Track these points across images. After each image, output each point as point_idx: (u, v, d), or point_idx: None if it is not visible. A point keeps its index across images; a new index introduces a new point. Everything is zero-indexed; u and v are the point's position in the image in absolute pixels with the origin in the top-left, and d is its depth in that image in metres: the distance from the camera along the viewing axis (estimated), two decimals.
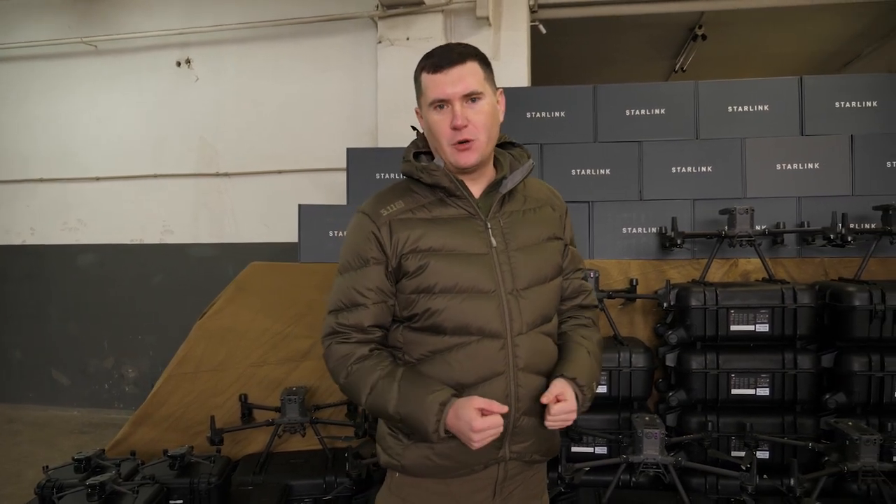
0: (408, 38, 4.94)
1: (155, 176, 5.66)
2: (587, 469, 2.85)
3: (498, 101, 1.59)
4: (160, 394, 3.68)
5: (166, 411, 3.65)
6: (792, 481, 2.65)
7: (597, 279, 3.44)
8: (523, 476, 1.61)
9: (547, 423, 1.48)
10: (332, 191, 4.82)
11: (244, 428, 3.48)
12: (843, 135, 3.75)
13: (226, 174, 5.39)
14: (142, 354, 5.87)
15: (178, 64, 5.54)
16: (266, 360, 3.71)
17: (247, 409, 3.58)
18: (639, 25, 6.46)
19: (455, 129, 1.47)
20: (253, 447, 3.60)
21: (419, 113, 1.58)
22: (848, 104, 3.80)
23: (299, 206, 3.93)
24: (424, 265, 1.48)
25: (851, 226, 3.35)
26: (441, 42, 4.87)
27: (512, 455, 1.55)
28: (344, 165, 4.38)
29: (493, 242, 1.52)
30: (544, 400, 1.47)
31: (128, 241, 5.82)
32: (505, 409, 1.42)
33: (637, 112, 3.94)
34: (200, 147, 5.45)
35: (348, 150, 4.13)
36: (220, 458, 3.07)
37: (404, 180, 1.61)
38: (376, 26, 4.99)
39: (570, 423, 1.50)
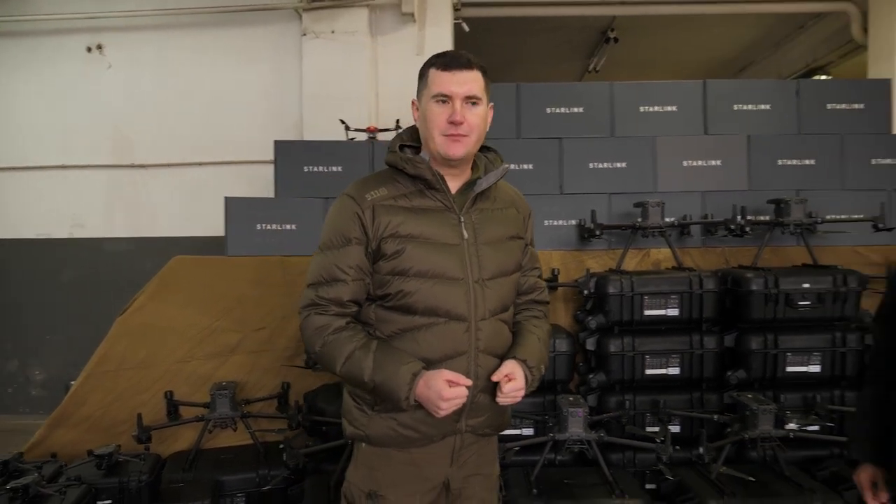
0: (333, 31, 4.95)
1: (63, 167, 5.40)
2: (517, 449, 3.00)
3: (489, 112, 1.73)
4: (79, 394, 3.56)
5: (86, 411, 3.53)
6: (701, 450, 2.91)
7: None
8: (477, 446, 1.76)
9: (498, 400, 1.64)
10: (256, 183, 4.76)
11: (173, 424, 3.42)
12: (741, 135, 4.08)
13: (142, 166, 5.22)
14: (51, 355, 5.60)
15: (89, 49, 5.30)
16: (193, 355, 3.65)
17: (173, 407, 3.51)
18: (556, 27, 6.73)
19: (452, 122, 1.61)
20: (180, 445, 3.54)
21: (415, 104, 1.71)
22: (745, 107, 4.14)
23: (226, 198, 3.88)
24: (401, 249, 1.60)
25: (749, 218, 3.65)
26: (367, 37, 4.94)
27: (467, 428, 1.70)
28: (269, 158, 4.35)
29: (465, 235, 1.67)
30: (495, 378, 1.63)
31: (32, 236, 5.52)
32: (470, 382, 1.59)
33: (557, 110, 4.14)
34: (115, 137, 5.25)
35: (276, 142, 4.11)
36: (150, 455, 3.03)
37: (387, 170, 1.72)
38: (301, 18, 4.97)
39: (519, 399, 1.67)
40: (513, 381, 1.62)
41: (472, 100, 1.63)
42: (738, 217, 3.59)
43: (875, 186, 4.02)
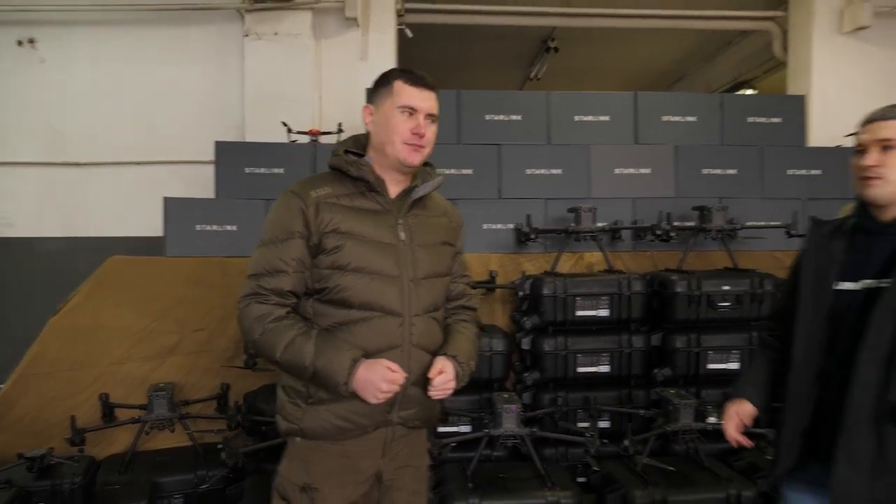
0: (276, 33, 4.95)
1: None
2: (454, 444, 3.10)
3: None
4: (9, 396, 3.47)
5: (17, 414, 3.45)
6: (626, 442, 3.07)
7: None
8: (407, 439, 1.84)
9: (430, 393, 1.75)
10: (195, 184, 4.70)
11: (108, 427, 3.38)
12: (669, 145, 4.30)
13: (77, 164, 5.08)
14: None
15: (20, 43, 5.13)
16: (129, 357, 3.61)
17: (108, 409, 3.47)
18: (498, 35, 6.88)
19: (416, 133, 1.75)
20: (115, 448, 3.49)
21: (370, 109, 1.81)
22: (673, 118, 4.36)
23: (165, 199, 3.86)
24: (341, 245, 1.70)
25: (674, 224, 3.86)
26: (310, 40, 4.96)
27: (399, 420, 1.78)
28: (209, 158, 4.34)
29: (402, 236, 1.78)
30: (430, 375, 1.74)
31: None
32: (405, 374, 1.69)
33: (496, 117, 4.27)
34: (47, 134, 5.09)
35: (217, 143, 4.10)
36: (84, 457, 2.99)
37: (329, 172, 1.82)
38: (243, 19, 4.95)
39: (449, 392, 1.78)
40: (443, 374, 1.74)
41: (432, 117, 1.80)
42: (664, 223, 3.79)
43: (790, 195, 4.31)
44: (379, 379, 1.64)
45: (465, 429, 3.45)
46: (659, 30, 6.31)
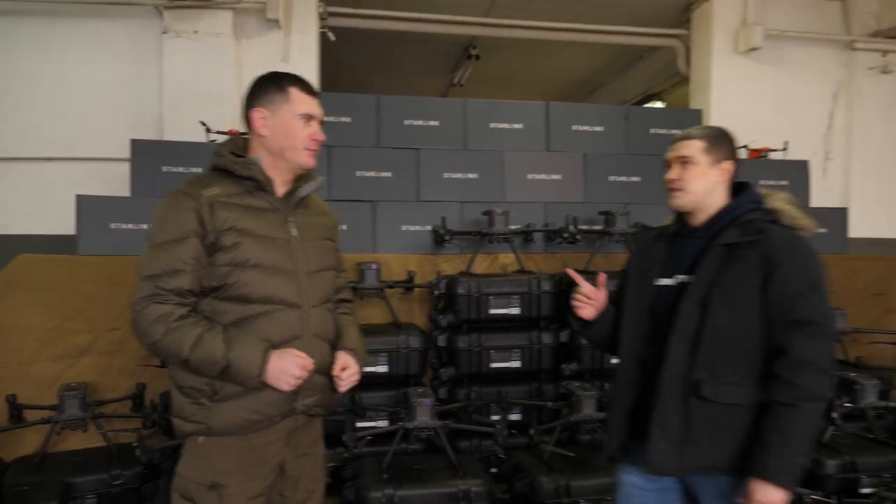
0: (196, 32, 4.91)
1: None
2: (370, 437, 3.21)
3: None
4: None
5: None
6: (531, 430, 3.27)
7: (378, 271, 3.82)
8: (307, 427, 1.94)
9: (341, 388, 1.90)
10: (110, 182, 4.60)
11: (15, 428, 3.30)
12: (579, 153, 4.57)
13: None
14: None
15: None
16: (39, 357, 3.53)
17: (15, 410, 3.38)
18: (421, 41, 7.01)
19: (314, 140, 1.86)
20: (25, 449, 3.40)
21: (263, 114, 1.84)
22: (582, 128, 4.63)
23: (77, 196, 3.79)
24: (239, 242, 1.76)
25: (580, 227, 4.11)
26: (231, 39, 4.95)
27: (303, 408, 1.86)
28: (125, 156, 4.28)
29: (294, 233, 1.87)
30: (335, 372, 1.88)
31: None
32: (313, 361, 1.79)
33: (415, 122, 4.41)
34: None
35: (133, 141, 4.06)
36: None
37: (212, 173, 1.87)
38: (161, 16, 4.89)
39: (356, 382, 1.92)
40: (348, 369, 1.90)
41: (322, 123, 1.91)
42: (571, 226, 4.03)
43: None
44: (291, 366, 1.72)
45: (384, 423, 3.58)
46: (574, 42, 6.61)
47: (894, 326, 4.68)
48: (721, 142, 1.93)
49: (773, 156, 5.21)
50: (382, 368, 3.62)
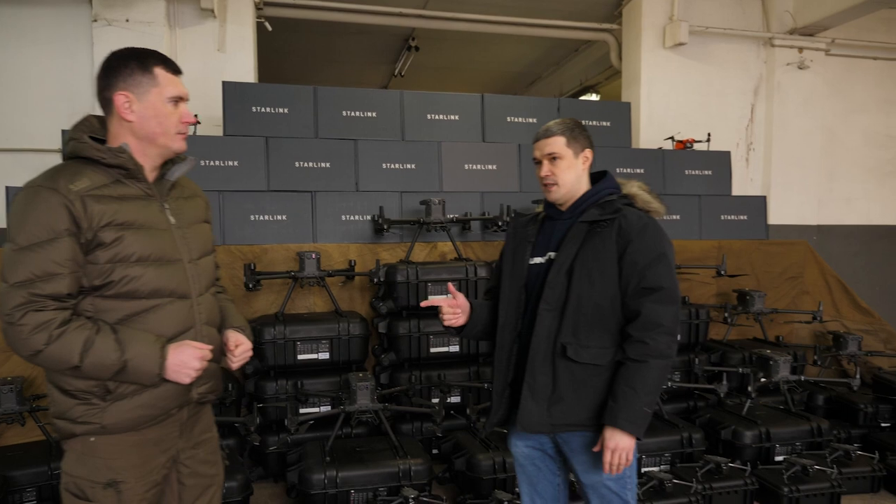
0: (127, 20, 4.81)
1: None
2: (311, 422, 3.27)
3: None
4: None
5: None
6: (467, 410, 3.39)
7: (318, 260, 3.87)
8: (198, 415, 1.89)
9: (234, 364, 1.87)
10: (40, 172, 4.49)
11: None
12: (513, 143, 4.70)
13: None
14: None
15: None
16: None
17: None
18: (360, 32, 7.03)
19: (185, 122, 1.76)
20: None
21: (128, 98, 1.69)
22: (516, 119, 4.77)
23: (7, 188, 3.70)
24: (121, 237, 1.65)
25: None
26: (164, 28, 4.88)
27: (198, 396, 1.82)
28: (55, 146, 4.20)
29: (172, 220, 1.78)
30: (230, 349, 1.86)
31: None
32: (210, 347, 1.76)
33: (353, 113, 4.46)
34: None
35: (64, 132, 3.96)
36: None
37: (71, 162, 1.68)
38: (91, 3, 4.78)
39: (248, 358, 1.90)
40: (242, 345, 1.87)
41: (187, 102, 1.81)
42: (506, 215, 4.17)
43: None
44: (191, 358, 1.68)
45: (326, 409, 3.64)
46: (511, 35, 6.75)
47: (809, 307, 5.01)
48: (577, 133, 2.09)
49: (697, 147, 5.47)
50: (324, 355, 3.68)
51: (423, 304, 2.23)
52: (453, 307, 2.13)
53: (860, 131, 6.50)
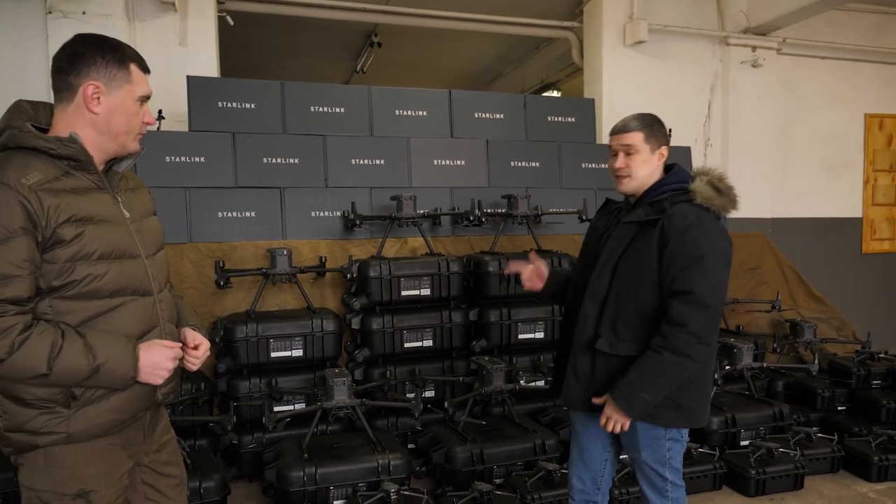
0: (84, 13, 4.67)
1: None
2: (288, 419, 3.24)
3: None
4: None
5: None
6: (445, 403, 3.41)
7: (289, 257, 3.83)
8: (158, 417, 1.85)
9: (192, 364, 1.79)
10: None
11: None
12: (482, 139, 4.74)
13: None
14: None
15: None
16: None
17: None
18: (323, 27, 6.96)
19: (146, 123, 1.69)
20: None
21: (98, 88, 1.59)
22: (484, 115, 4.80)
23: None
24: (82, 233, 1.55)
25: (486, 210, 4.28)
26: (123, 21, 4.75)
27: (162, 397, 1.76)
28: None
29: (126, 214, 1.69)
30: (188, 350, 1.78)
31: None
32: (180, 344, 1.71)
33: (321, 109, 4.42)
34: None
35: None
36: None
37: (13, 153, 1.55)
38: None
39: (206, 357, 1.84)
40: (202, 345, 1.80)
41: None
42: (476, 210, 4.20)
43: (583, 186, 4.93)
44: (163, 359, 1.62)
45: (301, 406, 3.61)
46: (472, 32, 6.78)
47: (767, 297, 5.19)
48: (656, 129, 2.17)
49: None
50: (298, 352, 3.65)
51: (507, 271, 2.60)
52: (532, 272, 2.43)
53: (810, 128, 6.75)
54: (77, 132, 1.60)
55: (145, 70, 1.69)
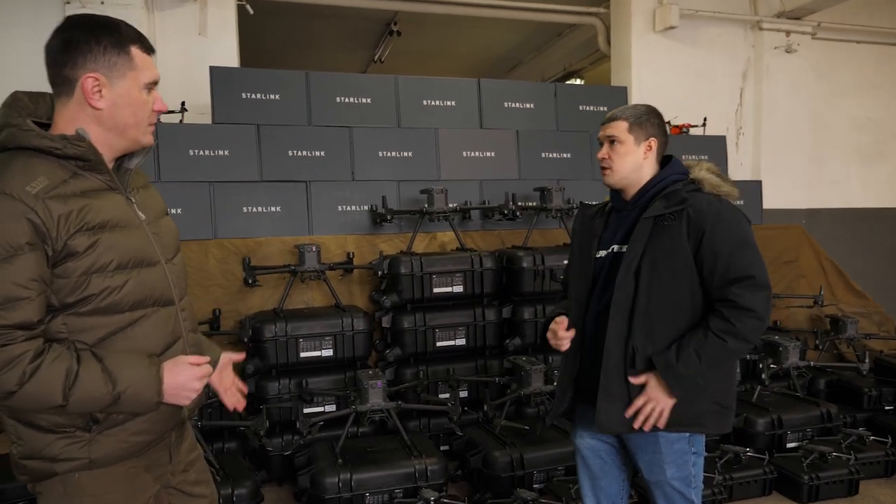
0: (102, 3, 4.54)
1: None
2: (322, 422, 3.13)
3: None
4: None
5: None
6: (485, 407, 3.28)
7: (318, 253, 3.71)
8: (184, 434, 1.71)
9: (238, 405, 1.73)
10: None
11: None
12: (511, 129, 4.58)
13: None
14: None
15: None
16: None
17: None
18: (340, 16, 6.82)
19: (157, 111, 1.51)
20: None
21: (98, 81, 1.42)
22: (514, 105, 4.64)
23: None
24: (96, 242, 1.40)
25: (519, 204, 4.14)
26: (142, 11, 4.62)
27: (189, 413, 1.63)
28: None
29: (142, 216, 1.53)
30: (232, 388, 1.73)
31: None
32: (207, 358, 1.55)
33: (346, 100, 4.28)
34: None
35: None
36: None
37: (16, 154, 1.39)
38: None
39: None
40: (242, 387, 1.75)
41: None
42: (510, 203, 4.05)
43: None
44: (189, 379, 1.47)
45: (330, 408, 3.50)
46: (493, 19, 6.60)
47: (806, 291, 5.01)
48: (645, 120, 2.01)
49: (693, 131, 5.42)
50: (328, 352, 3.54)
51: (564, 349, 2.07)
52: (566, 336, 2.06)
53: (845, 115, 6.53)
54: (85, 129, 1.44)
55: (149, 51, 1.50)
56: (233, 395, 1.74)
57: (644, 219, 1.93)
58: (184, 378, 1.47)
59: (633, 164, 1.99)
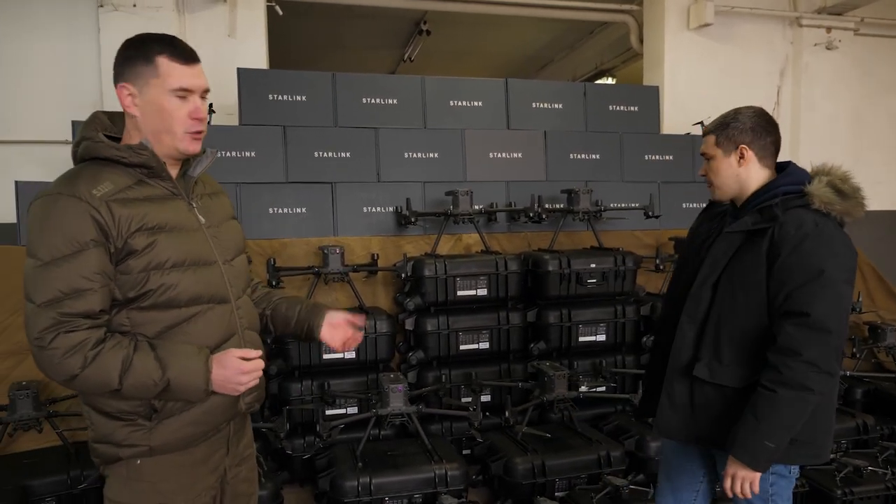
0: (135, 5, 4.62)
1: None
2: (342, 426, 3.13)
3: None
4: None
5: None
6: (506, 413, 3.25)
7: (342, 255, 3.71)
8: (243, 429, 1.80)
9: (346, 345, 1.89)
10: (49, 166, 4.30)
11: None
12: (539, 130, 4.52)
13: None
14: None
15: None
16: None
17: None
18: (369, 15, 6.83)
19: (195, 119, 1.58)
20: None
21: (129, 91, 1.55)
22: (542, 105, 4.58)
23: (16, 183, 3.54)
24: (154, 242, 1.52)
25: (545, 206, 4.08)
26: (173, 13, 4.69)
27: (246, 406, 1.72)
28: (63, 138, 4.05)
29: (202, 220, 1.65)
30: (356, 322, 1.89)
31: None
32: (260, 352, 1.61)
33: (372, 101, 4.28)
34: None
35: (74, 122, 3.80)
36: None
37: (88, 164, 1.55)
38: None
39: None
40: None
41: (207, 93, 1.63)
42: (536, 205, 4.00)
43: (647, 179, 4.68)
44: (234, 373, 1.55)
45: (352, 410, 3.50)
46: (524, 17, 6.53)
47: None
48: (726, 129, 1.93)
49: None
50: (350, 354, 3.53)
51: None
52: None
53: (887, 114, 6.30)
54: (146, 138, 1.58)
55: (184, 60, 1.57)
56: (342, 339, 1.89)
57: (729, 233, 1.87)
58: (229, 372, 1.55)
59: (730, 176, 1.91)
